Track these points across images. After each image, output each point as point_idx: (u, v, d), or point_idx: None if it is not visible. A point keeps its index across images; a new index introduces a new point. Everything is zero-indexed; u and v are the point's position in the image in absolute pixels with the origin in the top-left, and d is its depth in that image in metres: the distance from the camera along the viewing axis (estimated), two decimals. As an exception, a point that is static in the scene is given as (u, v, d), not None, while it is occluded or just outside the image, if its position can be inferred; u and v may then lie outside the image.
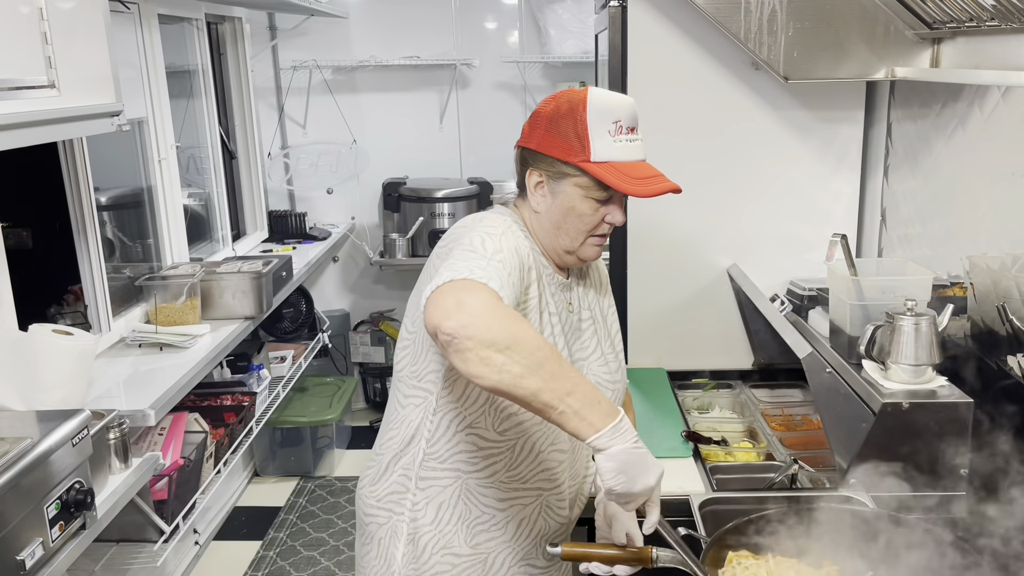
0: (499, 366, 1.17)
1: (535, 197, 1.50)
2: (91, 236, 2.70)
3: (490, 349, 1.17)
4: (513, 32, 4.58)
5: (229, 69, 4.19)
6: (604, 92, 1.47)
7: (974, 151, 1.89)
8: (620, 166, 1.44)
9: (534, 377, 1.18)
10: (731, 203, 2.43)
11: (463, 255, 1.31)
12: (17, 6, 1.82)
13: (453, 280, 1.22)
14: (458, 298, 1.20)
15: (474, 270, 1.25)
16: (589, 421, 1.21)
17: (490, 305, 1.20)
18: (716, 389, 2.45)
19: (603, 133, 1.43)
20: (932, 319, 1.64)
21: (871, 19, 2.05)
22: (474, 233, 1.38)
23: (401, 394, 1.52)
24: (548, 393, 1.19)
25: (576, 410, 1.21)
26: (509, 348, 1.17)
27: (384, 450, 1.55)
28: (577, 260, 1.53)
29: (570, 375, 1.22)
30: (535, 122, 1.49)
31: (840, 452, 1.75)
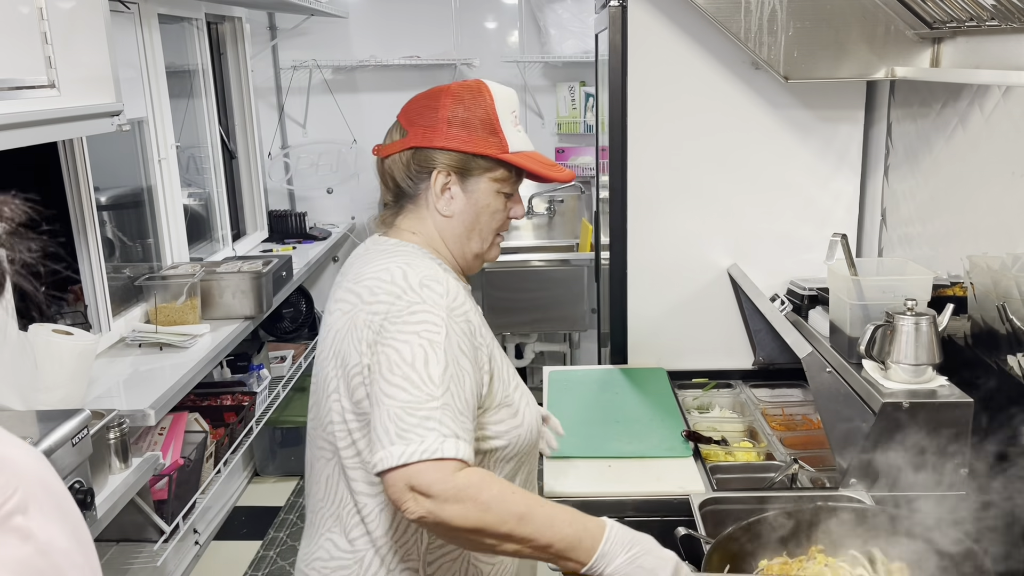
0: (471, 543, 1.19)
1: (442, 201, 1.38)
2: (91, 236, 2.70)
3: (460, 530, 1.16)
4: (513, 32, 4.58)
5: (229, 69, 4.19)
6: (495, 83, 1.41)
7: (974, 151, 1.89)
8: (530, 155, 1.40)
9: (509, 544, 1.18)
10: (731, 203, 2.43)
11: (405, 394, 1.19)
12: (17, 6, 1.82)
13: (404, 466, 1.15)
14: (410, 488, 1.15)
15: (417, 437, 1.16)
16: (577, 562, 1.21)
17: (442, 491, 1.14)
18: (716, 389, 2.45)
19: (509, 124, 1.38)
20: (932, 319, 1.64)
21: (871, 19, 2.05)
22: (413, 339, 1.22)
23: (364, 483, 1.33)
24: (528, 551, 1.20)
25: (560, 555, 1.20)
26: (476, 530, 1.16)
27: (364, 548, 1.35)
28: (481, 263, 1.47)
29: (544, 528, 1.19)
30: (430, 120, 1.37)
31: (840, 452, 1.75)
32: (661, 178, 2.41)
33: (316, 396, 1.40)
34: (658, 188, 2.42)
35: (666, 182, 2.42)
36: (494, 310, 4.37)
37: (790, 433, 2.16)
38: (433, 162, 1.37)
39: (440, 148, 1.36)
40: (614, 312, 2.56)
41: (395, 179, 1.41)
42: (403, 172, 1.40)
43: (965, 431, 1.61)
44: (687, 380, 2.48)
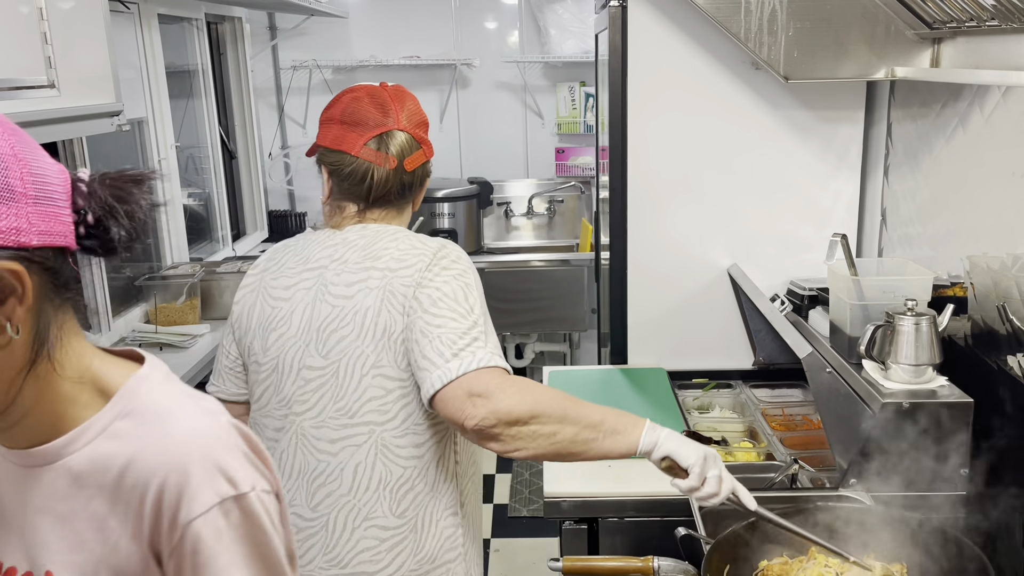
0: (531, 434, 1.26)
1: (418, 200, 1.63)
2: (91, 236, 2.70)
3: (517, 425, 1.25)
4: (513, 32, 4.58)
5: (229, 69, 4.19)
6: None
7: (974, 151, 1.89)
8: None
9: (565, 427, 1.27)
10: (731, 203, 2.43)
11: (452, 322, 1.34)
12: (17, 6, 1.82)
13: (460, 376, 1.28)
14: (469, 394, 1.26)
15: (469, 352, 1.30)
16: (629, 433, 1.31)
17: (499, 388, 1.26)
18: (716, 389, 2.45)
19: None
20: (932, 319, 1.64)
21: (871, 19, 2.05)
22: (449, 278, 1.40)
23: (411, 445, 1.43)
24: (584, 432, 1.29)
25: (615, 431, 1.30)
26: (533, 417, 1.26)
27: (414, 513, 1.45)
28: None
29: (591, 407, 1.31)
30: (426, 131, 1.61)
31: (840, 452, 1.75)
32: (661, 178, 2.41)
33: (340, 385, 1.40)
34: (658, 188, 2.42)
35: (666, 182, 2.42)
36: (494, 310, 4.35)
37: (790, 433, 2.16)
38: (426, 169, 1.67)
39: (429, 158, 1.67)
40: (614, 312, 2.56)
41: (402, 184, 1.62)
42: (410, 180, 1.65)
43: (965, 431, 1.61)
44: (687, 380, 2.48)
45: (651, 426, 1.33)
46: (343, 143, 1.50)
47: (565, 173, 4.68)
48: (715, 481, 1.34)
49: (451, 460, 1.49)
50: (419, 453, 1.43)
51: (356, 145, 1.50)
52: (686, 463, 1.32)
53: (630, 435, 1.31)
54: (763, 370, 2.51)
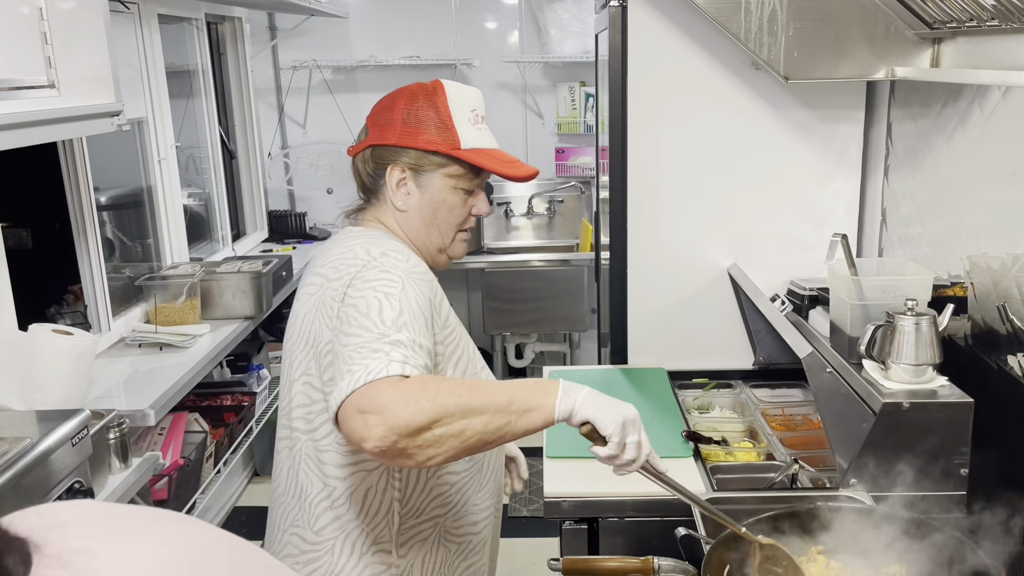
0: (438, 439, 1.13)
1: (398, 196, 1.42)
2: (91, 236, 2.70)
3: (420, 434, 1.11)
4: (513, 32, 4.58)
5: (229, 69, 4.19)
6: (456, 83, 1.45)
7: (974, 151, 1.89)
8: (488, 152, 1.43)
9: (473, 420, 1.14)
10: (731, 203, 2.43)
11: (356, 338, 1.19)
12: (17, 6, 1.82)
13: (352, 392, 1.13)
14: (360, 412, 1.11)
15: (362, 365, 1.15)
16: (540, 404, 1.19)
17: (388, 399, 1.11)
18: (716, 389, 2.45)
19: (465, 121, 1.41)
20: (932, 319, 1.64)
21: (871, 19, 2.05)
22: (368, 292, 1.25)
23: (333, 465, 1.36)
24: (495, 419, 1.16)
25: (527, 408, 1.18)
26: (434, 421, 1.12)
27: (333, 535, 1.37)
28: (447, 259, 1.49)
29: (496, 388, 1.18)
30: (386, 119, 1.43)
31: (840, 452, 1.75)
32: (661, 178, 2.41)
33: (282, 386, 1.41)
34: (658, 188, 2.42)
35: (666, 182, 2.42)
36: (494, 310, 4.37)
37: (790, 433, 2.16)
38: (388, 159, 1.42)
39: (393, 145, 1.41)
40: (614, 312, 2.56)
41: (361, 177, 1.48)
42: (364, 169, 1.46)
43: (965, 431, 1.61)
44: (687, 380, 2.48)
45: (565, 390, 1.20)
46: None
47: (565, 173, 4.68)
48: (634, 447, 1.24)
49: (389, 493, 1.37)
50: (343, 475, 1.35)
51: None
52: (606, 431, 1.21)
53: (544, 407, 1.19)
54: (763, 370, 2.51)
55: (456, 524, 1.45)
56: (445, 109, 1.40)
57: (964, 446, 1.61)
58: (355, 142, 1.50)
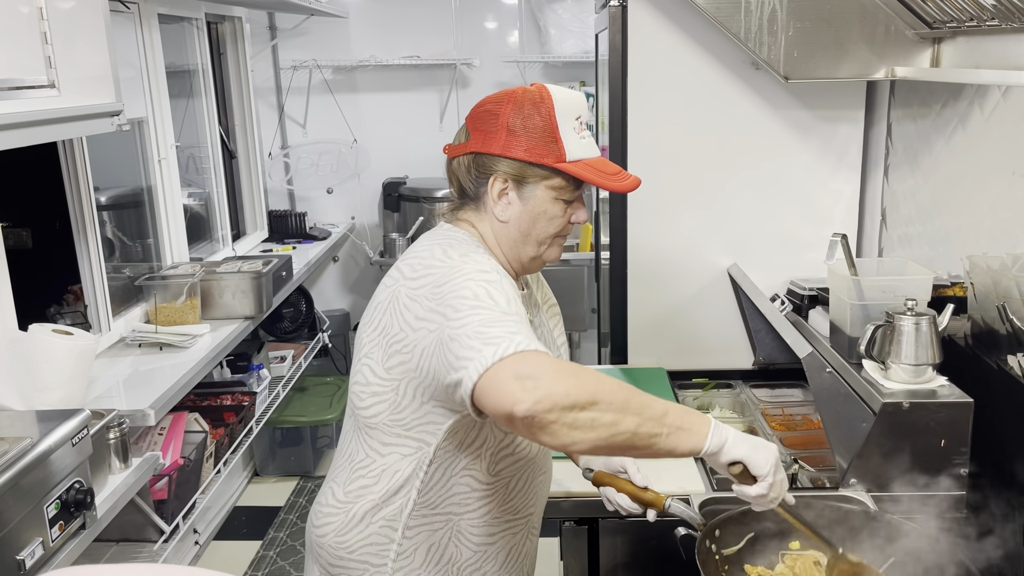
0: (590, 423, 1.12)
1: (499, 207, 1.41)
2: (91, 236, 2.70)
3: (574, 411, 1.11)
4: (513, 32, 4.58)
5: (229, 69, 4.19)
6: (562, 89, 1.42)
7: (974, 151, 1.89)
8: (591, 163, 1.39)
9: (627, 418, 1.14)
10: (731, 203, 2.43)
11: (478, 316, 1.19)
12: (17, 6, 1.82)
13: (502, 360, 1.12)
14: (517, 376, 1.11)
15: (506, 336, 1.15)
16: (696, 430, 1.20)
17: (551, 370, 1.12)
18: (716, 389, 2.45)
19: (570, 131, 1.38)
20: (932, 319, 1.64)
21: (871, 19, 2.05)
22: (469, 283, 1.25)
23: (377, 441, 1.41)
24: (647, 425, 1.16)
25: (680, 427, 1.18)
26: (592, 403, 1.12)
27: (355, 499, 1.44)
28: (541, 264, 1.48)
29: (653, 399, 1.18)
30: (491, 125, 1.40)
31: (840, 452, 1.75)
32: (661, 178, 2.41)
33: (354, 359, 1.46)
34: (658, 188, 2.42)
35: (666, 182, 2.42)
36: (494, 310, 4.36)
37: (790, 433, 2.16)
38: (491, 168, 1.40)
39: (498, 155, 1.38)
40: (614, 312, 2.56)
41: (459, 180, 1.46)
42: (465, 175, 1.44)
43: (965, 431, 1.61)
44: (687, 380, 2.48)
45: (716, 425, 1.22)
46: None
47: (565, 173, 4.67)
48: (780, 486, 1.27)
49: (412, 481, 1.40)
50: (383, 451, 1.41)
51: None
52: (759, 471, 1.24)
53: (697, 433, 1.19)
54: (763, 370, 2.51)
55: (470, 527, 1.45)
56: (551, 119, 1.37)
57: (964, 446, 1.61)
58: (454, 142, 1.47)
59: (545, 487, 1.58)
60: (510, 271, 1.46)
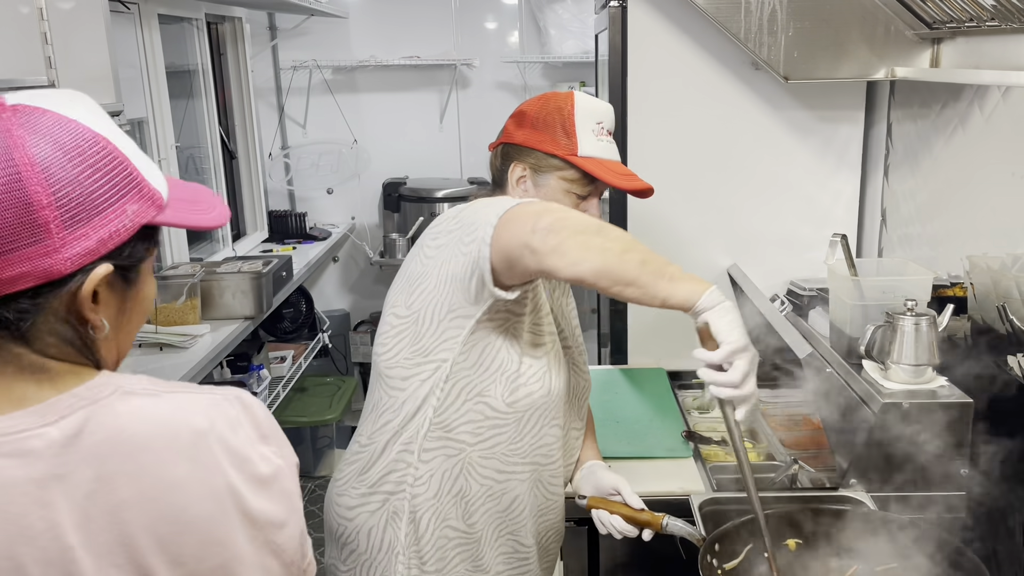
0: (600, 246, 1.22)
1: (516, 191, 1.56)
2: (91, 236, 2.70)
3: (585, 234, 1.22)
4: (513, 32, 4.58)
5: (229, 69, 4.19)
6: (588, 96, 1.57)
7: (974, 151, 1.89)
8: (603, 162, 1.53)
9: (635, 251, 1.23)
10: (731, 203, 2.43)
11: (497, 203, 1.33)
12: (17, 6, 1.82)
13: (518, 204, 1.28)
14: (535, 210, 1.26)
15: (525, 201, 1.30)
16: (694, 285, 1.24)
17: (560, 207, 1.27)
18: (716, 389, 2.45)
19: (587, 131, 1.52)
20: (932, 319, 1.64)
21: (871, 19, 2.05)
22: (479, 203, 1.40)
23: (397, 378, 1.49)
24: (652, 263, 1.23)
25: (679, 275, 1.25)
26: (601, 231, 1.24)
27: (375, 438, 1.52)
28: None
29: (655, 254, 1.26)
30: (519, 120, 1.57)
31: (840, 452, 1.75)
32: (661, 178, 2.40)
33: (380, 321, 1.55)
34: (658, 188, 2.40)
35: (666, 182, 2.41)
36: (494, 310, 4.36)
37: (790, 433, 2.16)
38: (513, 156, 1.57)
39: (518, 144, 1.56)
40: (614, 312, 2.56)
41: (491, 169, 1.64)
42: (495, 163, 1.63)
43: (965, 431, 1.61)
44: (687, 380, 2.48)
45: (716, 291, 1.27)
46: None
47: (565, 173, 4.67)
48: (739, 374, 1.25)
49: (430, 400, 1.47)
50: (403, 386, 1.48)
51: None
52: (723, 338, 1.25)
53: (696, 286, 1.25)
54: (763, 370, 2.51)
55: (481, 461, 1.50)
56: (570, 117, 1.52)
57: (964, 446, 1.61)
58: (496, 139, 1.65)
59: (559, 442, 1.59)
60: None
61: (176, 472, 0.81)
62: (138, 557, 0.79)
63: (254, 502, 0.84)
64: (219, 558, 0.82)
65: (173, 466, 0.81)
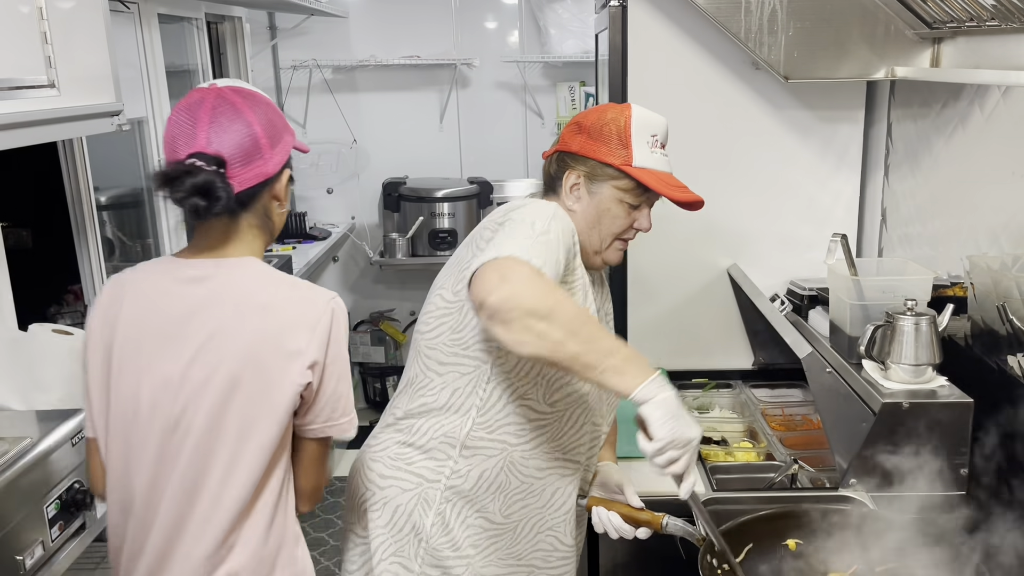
0: (541, 332, 1.27)
1: (570, 198, 1.57)
2: (91, 236, 2.70)
3: (532, 317, 1.26)
4: (513, 32, 4.58)
5: (229, 69, 4.19)
6: (644, 109, 1.60)
7: (974, 151, 1.89)
8: (657, 173, 1.56)
9: (574, 341, 1.27)
10: (731, 203, 2.43)
11: (512, 232, 1.38)
12: (17, 6, 1.82)
13: (497, 258, 1.31)
14: (501, 274, 1.29)
15: (518, 249, 1.33)
16: (632, 375, 1.29)
17: (530, 278, 1.29)
18: (716, 389, 2.45)
19: (643, 143, 1.55)
20: (932, 319, 1.64)
21: (871, 19, 2.05)
22: (526, 211, 1.44)
23: (435, 361, 1.52)
24: (589, 355, 1.28)
25: (617, 367, 1.29)
26: (549, 316, 1.26)
27: (417, 415, 1.55)
28: (602, 262, 1.63)
29: (608, 337, 1.32)
30: (576, 130, 1.59)
31: (840, 452, 1.75)
32: (661, 178, 2.41)
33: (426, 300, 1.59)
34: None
35: (666, 182, 2.42)
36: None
37: (790, 433, 2.16)
38: (568, 164, 1.58)
39: (574, 152, 1.57)
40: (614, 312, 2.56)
41: (547, 174, 1.64)
42: (548, 170, 1.63)
43: (965, 431, 1.61)
44: (687, 380, 2.48)
45: (652, 382, 1.29)
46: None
47: (565, 173, 4.66)
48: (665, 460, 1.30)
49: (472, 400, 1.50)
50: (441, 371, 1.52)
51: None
52: (655, 434, 1.29)
53: (630, 381, 1.29)
54: (763, 370, 2.51)
55: (523, 459, 1.53)
56: (626, 128, 1.55)
57: (964, 446, 1.61)
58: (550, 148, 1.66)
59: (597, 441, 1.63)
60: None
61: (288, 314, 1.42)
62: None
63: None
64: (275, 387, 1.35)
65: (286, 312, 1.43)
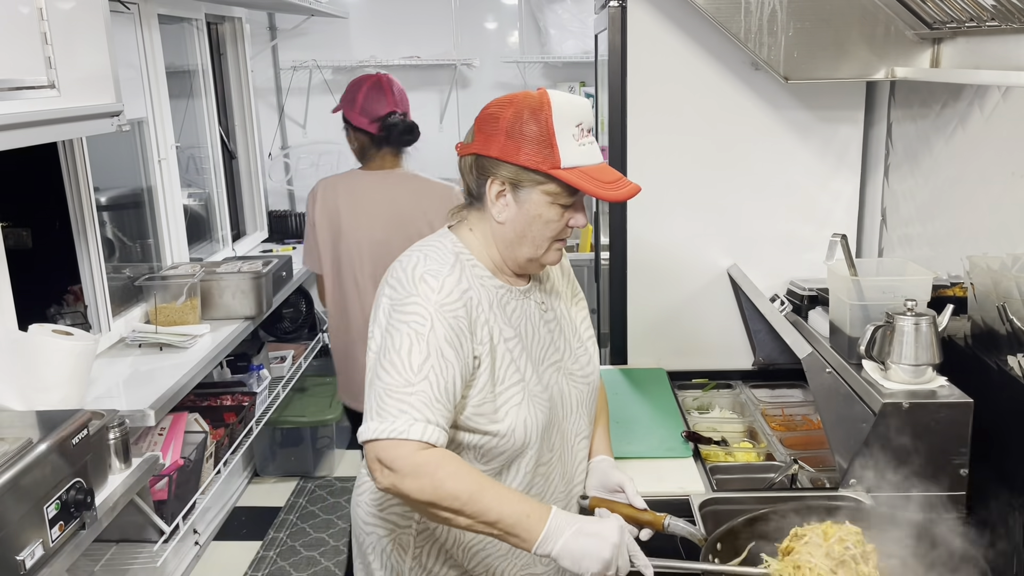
0: (430, 513, 1.34)
1: (496, 207, 1.44)
2: (91, 236, 2.70)
3: (418, 504, 1.33)
4: (513, 32, 4.58)
5: (229, 69, 4.19)
6: (564, 95, 1.42)
7: (974, 151, 1.89)
8: (588, 170, 1.40)
9: (461, 519, 1.32)
10: (731, 203, 2.43)
11: (390, 377, 1.34)
12: (17, 6, 1.82)
13: (377, 441, 1.32)
14: (379, 462, 1.32)
15: (391, 416, 1.32)
16: (522, 539, 1.32)
17: (404, 467, 1.30)
18: (716, 389, 2.45)
19: (568, 138, 1.39)
20: (932, 319, 1.64)
21: (871, 19, 2.05)
22: (404, 328, 1.36)
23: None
24: (478, 527, 1.33)
25: (508, 531, 1.32)
26: (431, 504, 1.31)
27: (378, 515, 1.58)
28: (539, 266, 1.52)
29: (492, 505, 1.31)
30: (492, 128, 1.42)
31: (840, 452, 1.75)
32: (661, 178, 2.41)
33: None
34: (658, 188, 2.42)
35: (666, 182, 2.42)
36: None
37: (790, 433, 2.16)
38: (489, 171, 1.43)
39: (495, 158, 1.41)
40: (614, 312, 2.56)
41: (466, 180, 1.50)
42: (468, 175, 1.48)
43: (965, 431, 1.61)
44: (687, 380, 2.48)
45: (547, 535, 1.31)
46: None
47: (565, 173, 4.67)
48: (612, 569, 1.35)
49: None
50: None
51: None
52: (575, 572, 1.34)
53: (525, 541, 1.33)
54: (763, 370, 2.51)
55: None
56: (548, 125, 1.38)
57: (964, 446, 1.61)
58: (465, 140, 1.50)
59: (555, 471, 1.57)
60: (506, 270, 1.51)
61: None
62: None
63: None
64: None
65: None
